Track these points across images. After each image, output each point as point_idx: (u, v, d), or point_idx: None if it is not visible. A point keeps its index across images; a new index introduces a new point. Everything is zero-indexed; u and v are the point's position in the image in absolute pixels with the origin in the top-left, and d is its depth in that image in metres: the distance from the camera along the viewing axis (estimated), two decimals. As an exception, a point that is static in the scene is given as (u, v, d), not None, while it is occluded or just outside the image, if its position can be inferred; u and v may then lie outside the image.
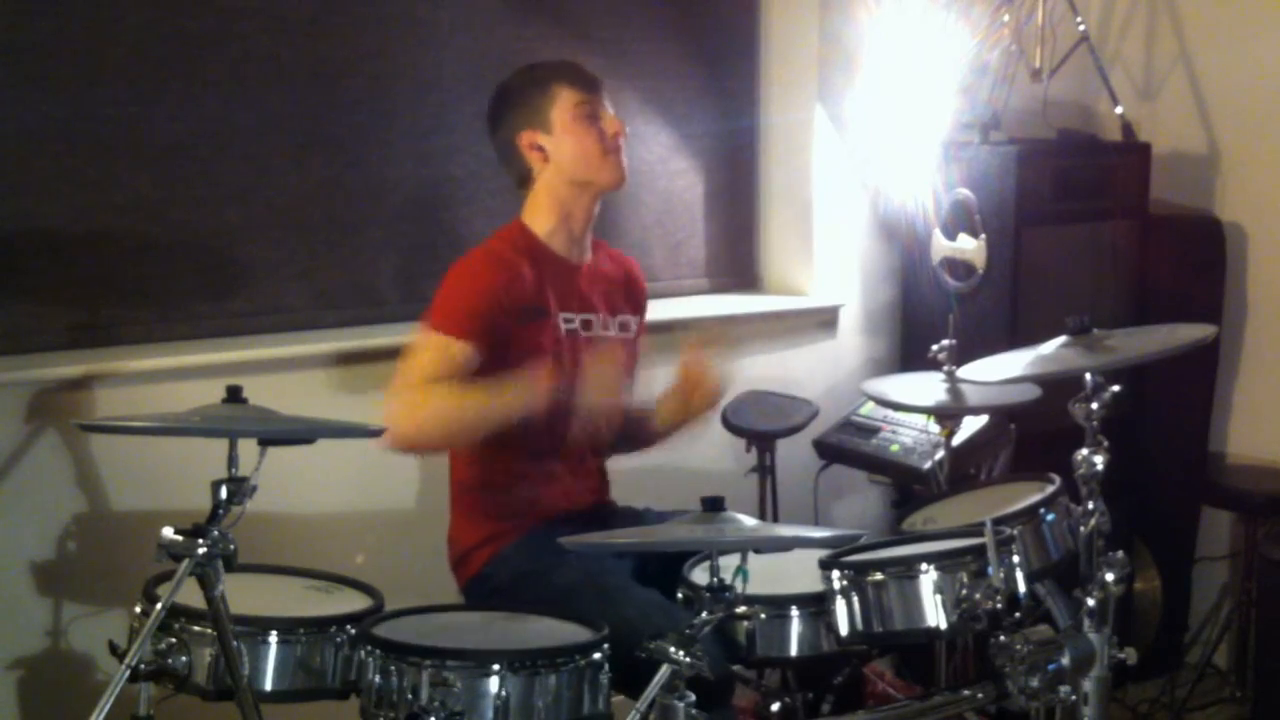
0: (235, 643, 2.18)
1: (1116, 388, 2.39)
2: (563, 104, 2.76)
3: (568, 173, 2.77)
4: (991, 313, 3.68)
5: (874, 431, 3.55)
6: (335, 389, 3.15)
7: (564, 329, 2.77)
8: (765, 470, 3.29)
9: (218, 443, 2.18)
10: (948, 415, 3.27)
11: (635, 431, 2.92)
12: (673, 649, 2.07)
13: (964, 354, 3.03)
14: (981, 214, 3.68)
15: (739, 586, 2.14)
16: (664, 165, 3.76)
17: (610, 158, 2.79)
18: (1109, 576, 2.36)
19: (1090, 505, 2.38)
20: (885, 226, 4.03)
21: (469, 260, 2.75)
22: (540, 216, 2.80)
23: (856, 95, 3.87)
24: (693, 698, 2.09)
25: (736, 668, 2.55)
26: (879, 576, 2.35)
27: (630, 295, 2.97)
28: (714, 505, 2.18)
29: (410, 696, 2.16)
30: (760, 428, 3.26)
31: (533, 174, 2.79)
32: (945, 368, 3.22)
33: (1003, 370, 2.56)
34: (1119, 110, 3.96)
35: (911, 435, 3.46)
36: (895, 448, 3.46)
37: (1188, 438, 4.09)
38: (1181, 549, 4.12)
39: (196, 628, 2.26)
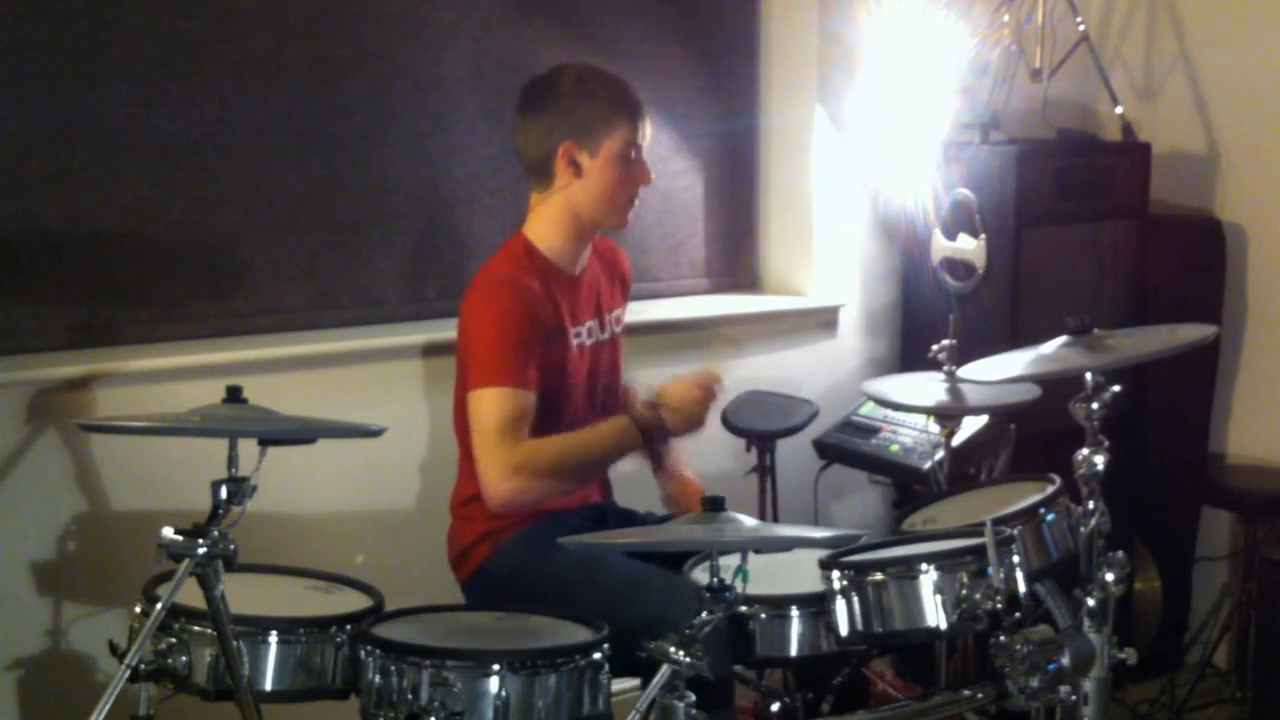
0: (235, 643, 2.18)
1: (1116, 388, 2.39)
2: (618, 138, 2.73)
3: (588, 202, 2.75)
4: (991, 313, 3.68)
5: (874, 431, 3.55)
6: (335, 389, 3.15)
7: (574, 344, 2.77)
8: (765, 470, 3.29)
9: (218, 443, 2.18)
10: (948, 415, 3.27)
11: None
12: (673, 649, 2.07)
13: (964, 354, 3.03)
14: (981, 214, 3.68)
15: (739, 586, 2.14)
16: (664, 165, 3.75)
17: (628, 206, 2.80)
18: (1109, 576, 2.37)
19: (1090, 505, 2.38)
20: (885, 226, 4.03)
21: (497, 299, 2.67)
22: (550, 231, 2.78)
23: (856, 95, 3.87)
24: (693, 698, 2.09)
25: (737, 668, 2.56)
26: (879, 576, 2.35)
27: (619, 284, 2.97)
28: (714, 505, 2.18)
29: (410, 696, 2.16)
30: (760, 428, 3.26)
31: (555, 182, 2.76)
32: (945, 368, 3.22)
33: (1003, 370, 2.56)
34: (1119, 110, 3.96)
35: (911, 435, 3.46)
36: (895, 448, 3.46)
37: (1188, 438, 4.09)
38: (1181, 549, 4.11)
39: (196, 628, 2.26)
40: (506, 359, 2.61)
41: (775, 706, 2.78)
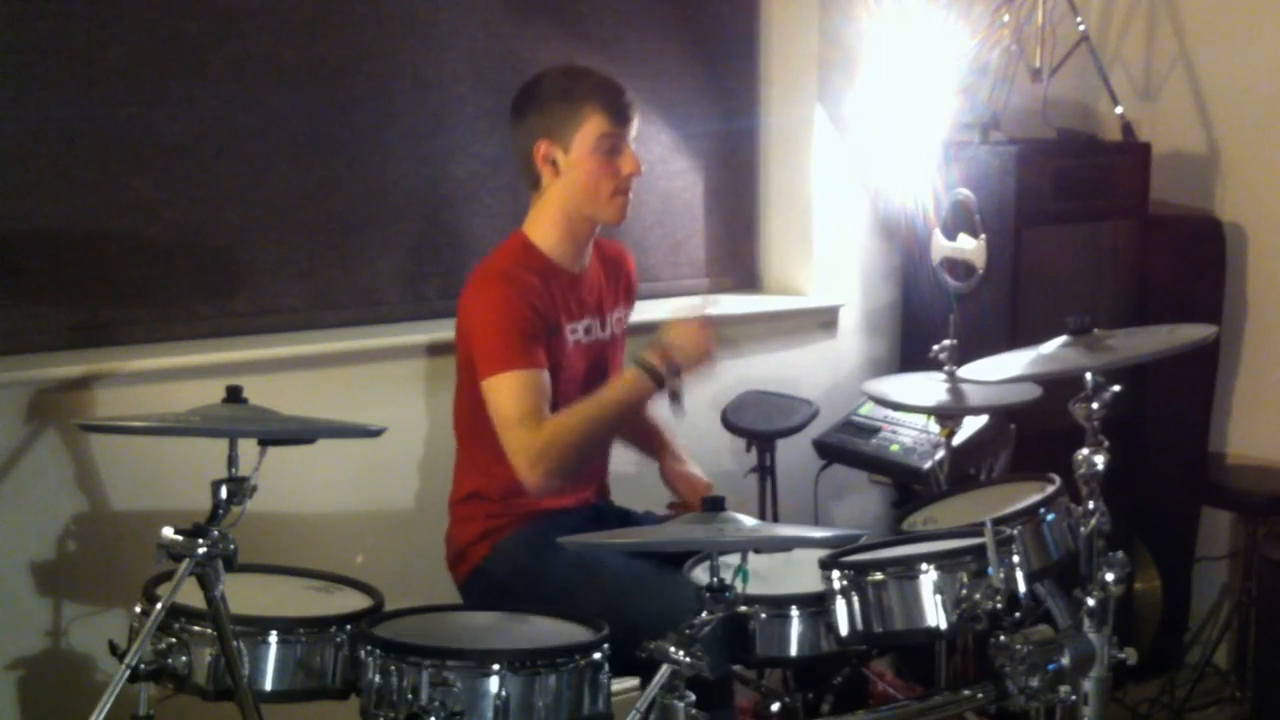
0: (235, 643, 2.18)
1: (1116, 388, 2.39)
2: (588, 130, 2.71)
3: (572, 198, 2.75)
4: (991, 313, 3.68)
5: (874, 431, 3.55)
6: (335, 389, 3.15)
7: (571, 341, 2.77)
8: (765, 470, 3.29)
9: (218, 443, 2.18)
10: (948, 415, 3.27)
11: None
12: (673, 649, 2.07)
13: (964, 354, 3.03)
14: (981, 214, 3.68)
15: (739, 586, 2.14)
16: (664, 165, 3.76)
17: (617, 198, 2.76)
18: (1109, 576, 2.36)
19: (1090, 505, 2.38)
20: (885, 226, 4.03)
21: (495, 291, 2.69)
22: (546, 229, 2.78)
23: (856, 95, 3.87)
24: (693, 698, 2.09)
25: (737, 668, 2.56)
26: (879, 576, 2.35)
27: (622, 286, 2.97)
28: (714, 505, 2.18)
29: (410, 696, 2.16)
30: (760, 428, 3.26)
31: (541, 182, 2.76)
32: (945, 368, 3.22)
33: (1003, 370, 2.56)
34: (1119, 110, 3.96)
35: (911, 435, 3.46)
36: (895, 448, 3.46)
37: (1188, 438, 4.09)
38: (1181, 549, 4.11)
39: (196, 628, 2.26)
40: (513, 343, 2.62)
41: (775, 706, 2.78)
